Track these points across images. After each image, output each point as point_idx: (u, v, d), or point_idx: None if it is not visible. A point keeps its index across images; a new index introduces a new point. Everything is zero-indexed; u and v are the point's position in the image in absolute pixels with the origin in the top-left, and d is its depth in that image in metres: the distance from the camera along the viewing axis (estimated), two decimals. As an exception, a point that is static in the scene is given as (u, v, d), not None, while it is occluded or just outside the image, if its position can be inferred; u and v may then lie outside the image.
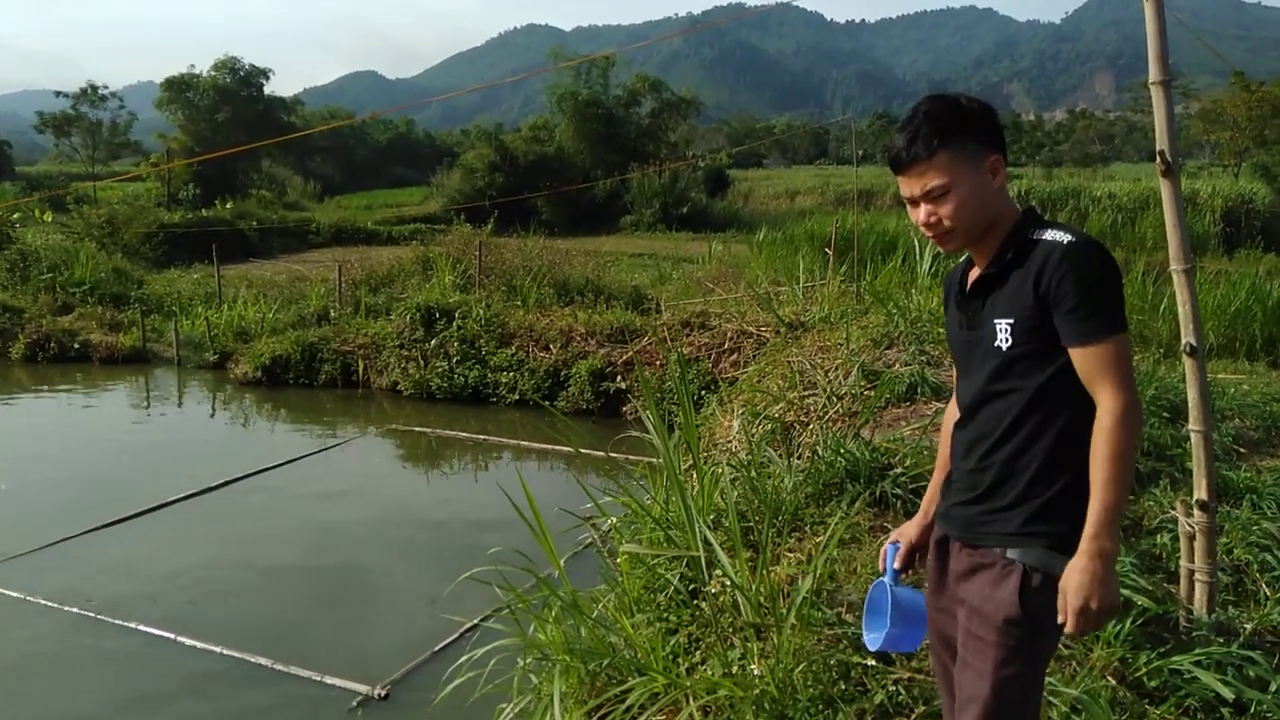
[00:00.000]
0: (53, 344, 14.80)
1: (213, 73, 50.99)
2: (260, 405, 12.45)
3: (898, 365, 7.00)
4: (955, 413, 2.28)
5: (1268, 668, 3.01)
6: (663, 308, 13.41)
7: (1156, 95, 3.20)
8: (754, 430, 6.34)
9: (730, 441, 6.56)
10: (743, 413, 7.02)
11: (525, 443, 10.26)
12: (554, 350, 11.89)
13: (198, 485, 8.44)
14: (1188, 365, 3.28)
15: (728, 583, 3.75)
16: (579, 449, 7.96)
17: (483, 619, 5.33)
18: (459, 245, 16.92)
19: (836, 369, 7.22)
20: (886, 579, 2.25)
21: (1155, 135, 3.23)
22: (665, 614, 3.90)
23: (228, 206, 34.00)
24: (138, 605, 6.00)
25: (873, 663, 3.23)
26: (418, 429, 10.84)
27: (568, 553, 4.42)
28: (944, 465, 2.32)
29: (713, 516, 4.48)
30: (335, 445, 10.35)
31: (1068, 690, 2.86)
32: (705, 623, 3.71)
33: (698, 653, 3.60)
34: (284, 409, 12.23)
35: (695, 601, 3.90)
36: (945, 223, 2.08)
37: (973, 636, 2.03)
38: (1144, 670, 3.05)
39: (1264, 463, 5.08)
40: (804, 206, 40.94)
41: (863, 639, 2.29)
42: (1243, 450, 5.35)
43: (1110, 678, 3.05)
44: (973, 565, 2.07)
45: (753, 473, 5.05)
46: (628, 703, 3.25)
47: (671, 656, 3.52)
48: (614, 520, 4.87)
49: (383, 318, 13.72)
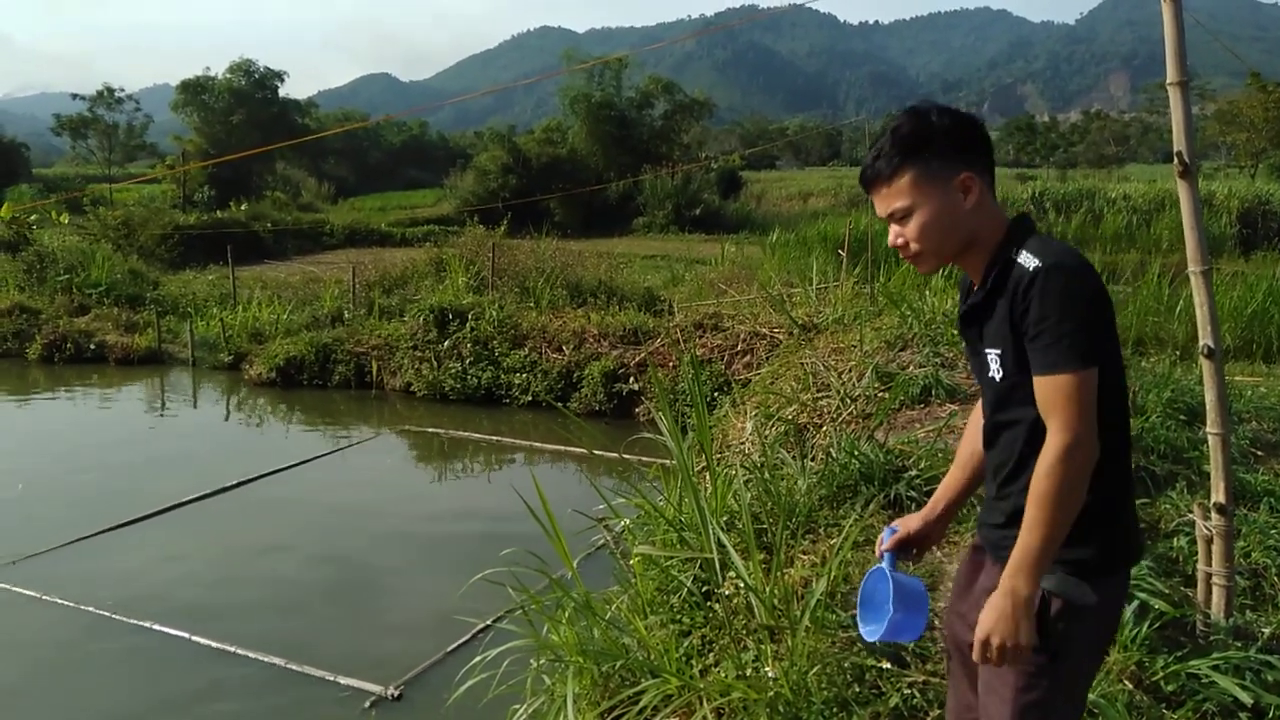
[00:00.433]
0: (69, 345, 14.90)
1: (228, 75, 51.34)
2: (274, 406, 12.50)
3: (912, 367, 6.97)
4: (979, 416, 2.22)
5: (1286, 672, 2.98)
6: (675, 309, 13.40)
7: (1174, 96, 3.18)
8: (767, 432, 6.33)
9: (743, 443, 6.55)
10: (756, 414, 7.01)
11: (538, 444, 10.27)
12: (567, 352, 11.90)
13: (212, 486, 8.48)
14: (1205, 367, 3.26)
15: (741, 585, 3.74)
16: (592, 450, 7.96)
17: (496, 620, 5.33)
18: (472, 247, 16.96)
19: (850, 371, 7.20)
20: (884, 564, 2.19)
21: (1172, 136, 3.20)
22: (679, 616, 3.89)
23: (242, 208, 34.18)
24: (152, 605, 6.03)
25: (888, 666, 3.22)
26: (431, 430, 10.87)
27: (581, 554, 4.42)
28: (960, 463, 2.28)
29: (726, 518, 4.47)
30: (349, 446, 10.38)
31: (1084, 694, 2.84)
32: (719, 625, 3.70)
33: (711, 655, 3.59)
34: (298, 410, 12.28)
35: (709, 603, 3.89)
36: (911, 245, 1.99)
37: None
38: (1161, 674, 3.03)
39: (1282, 466, 5.04)
40: (817, 208, 40.86)
41: (860, 632, 2.19)
42: (1260, 453, 5.31)
43: (1127, 682, 3.03)
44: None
45: (766, 474, 5.03)
46: (641, 704, 3.25)
47: (685, 658, 3.51)
48: (627, 522, 4.87)
49: (396, 319, 13.76)
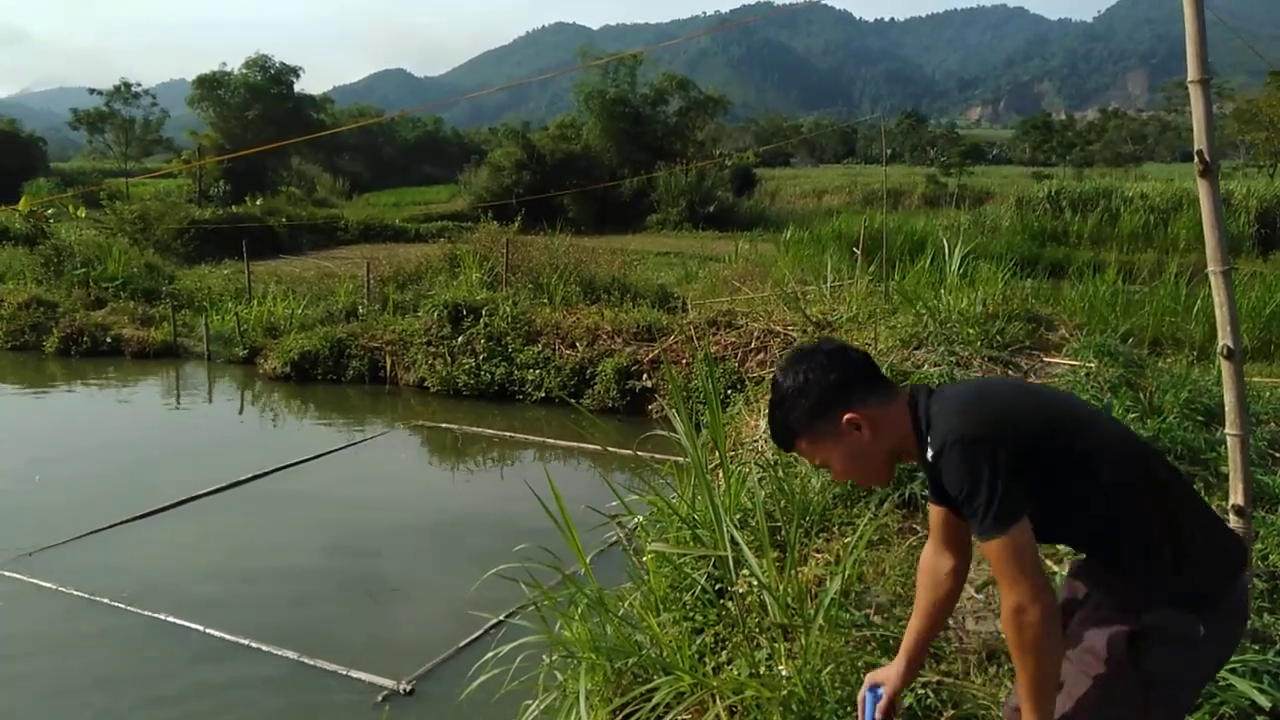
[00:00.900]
0: (86, 338, 14.99)
1: (244, 70, 51.58)
2: (289, 400, 12.55)
3: (927, 365, 6.94)
4: (935, 555, 2.26)
5: (1305, 676, 2.96)
6: (689, 306, 13.38)
7: (1195, 94, 3.15)
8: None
9: (757, 441, 6.54)
10: (769, 412, 6.98)
11: (551, 440, 10.27)
12: (580, 348, 11.90)
13: (226, 479, 8.51)
14: (1224, 368, 3.23)
15: (755, 583, 3.73)
16: (606, 447, 7.96)
17: (508, 615, 5.33)
18: (486, 243, 16.98)
19: (864, 369, 7.16)
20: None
21: (1192, 135, 3.17)
22: (691, 613, 3.89)
23: (258, 203, 34.36)
24: (167, 597, 6.05)
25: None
26: (444, 425, 10.89)
27: (594, 550, 4.42)
28: (923, 612, 2.29)
29: (739, 516, 4.47)
30: (362, 440, 10.41)
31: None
32: (732, 622, 3.69)
33: (724, 653, 3.59)
34: (312, 404, 12.33)
35: (722, 601, 3.89)
36: (848, 481, 2.22)
37: (1079, 671, 2.00)
38: (1177, 677, 3.00)
39: (1301, 468, 5.00)
40: (831, 205, 40.84)
41: None
42: (1278, 455, 5.28)
43: (1143, 684, 3.01)
44: (1102, 617, 2.03)
45: (780, 473, 5.03)
46: (653, 701, 3.25)
47: (698, 656, 3.51)
48: (640, 518, 4.86)
49: (410, 314, 13.79)
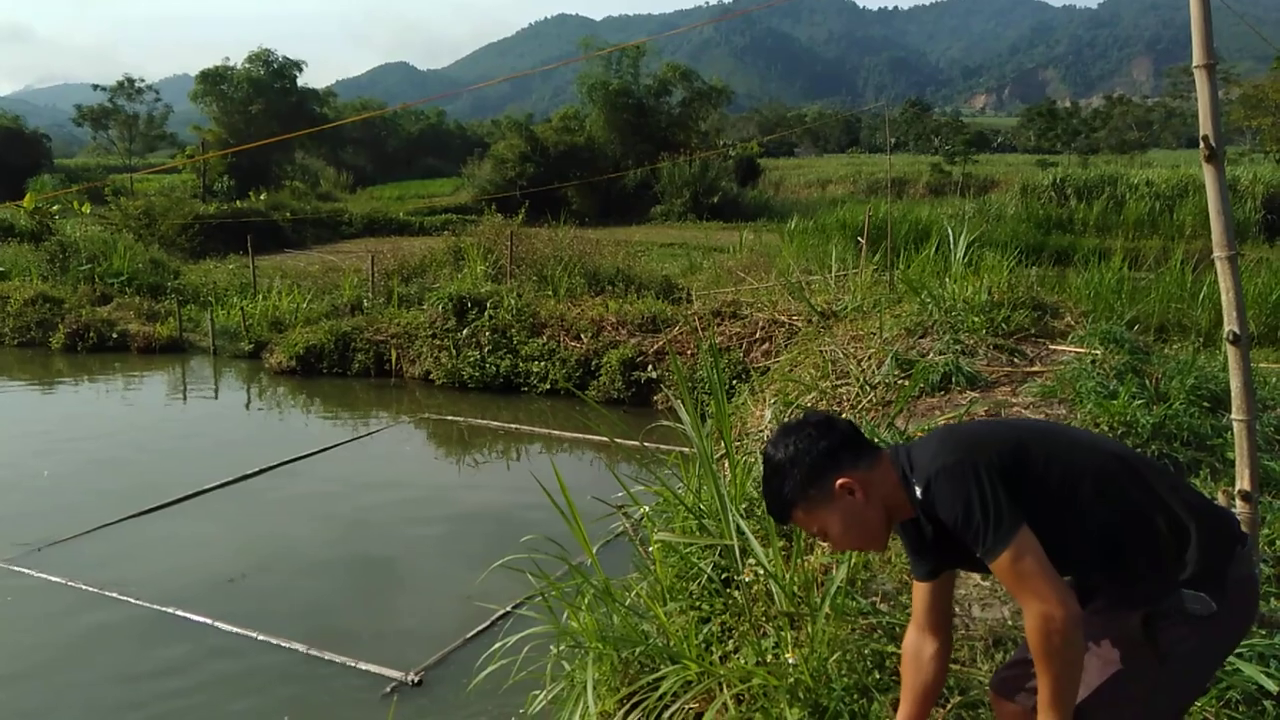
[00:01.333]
0: (92, 334, 15.03)
1: (247, 65, 51.60)
2: (294, 394, 12.58)
3: (932, 354, 6.94)
4: (917, 639, 2.29)
5: (1312, 661, 2.96)
6: (693, 297, 13.38)
7: (1200, 79, 3.13)
8: (786, 419, 6.30)
9: (762, 431, 6.54)
10: (775, 402, 6.99)
11: (557, 431, 10.29)
12: (585, 340, 11.90)
13: (233, 473, 8.54)
14: (1230, 354, 3.22)
15: (761, 571, 3.74)
16: (613, 438, 7.96)
17: (515, 606, 5.36)
18: (490, 235, 16.99)
19: (869, 358, 7.17)
20: None
21: (1199, 120, 3.16)
22: (698, 602, 3.90)
23: (261, 198, 34.39)
24: (173, 590, 6.08)
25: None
26: (450, 418, 10.91)
27: (600, 541, 4.43)
28: (913, 698, 2.30)
29: (745, 505, 4.47)
30: (369, 434, 10.43)
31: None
32: (738, 611, 3.70)
33: (731, 641, 3.59)
34: (318, 398, 12.35)
35: (728, 590, 3.90)
36: (846, 548, 2.25)
37: (1094, 654, 2.02)
38: (1184, 662, 3.01)
39: (1308, 453, 4.98)
40: (836, 195, 40.78)
41: None
42: (1285, 441, 5.25)
43: (1150, 670, 3.01)
44: (1114, 608, 2.05)
45: (785, 462, 5.01)
46: (660, 690, 3.26)
47: (704, 645, 3.52)
48: (646, 509, 4.87)
49: (415, 308, 13.81)
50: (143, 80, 57.87)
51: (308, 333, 13.55)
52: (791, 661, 3.14)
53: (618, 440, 8.30)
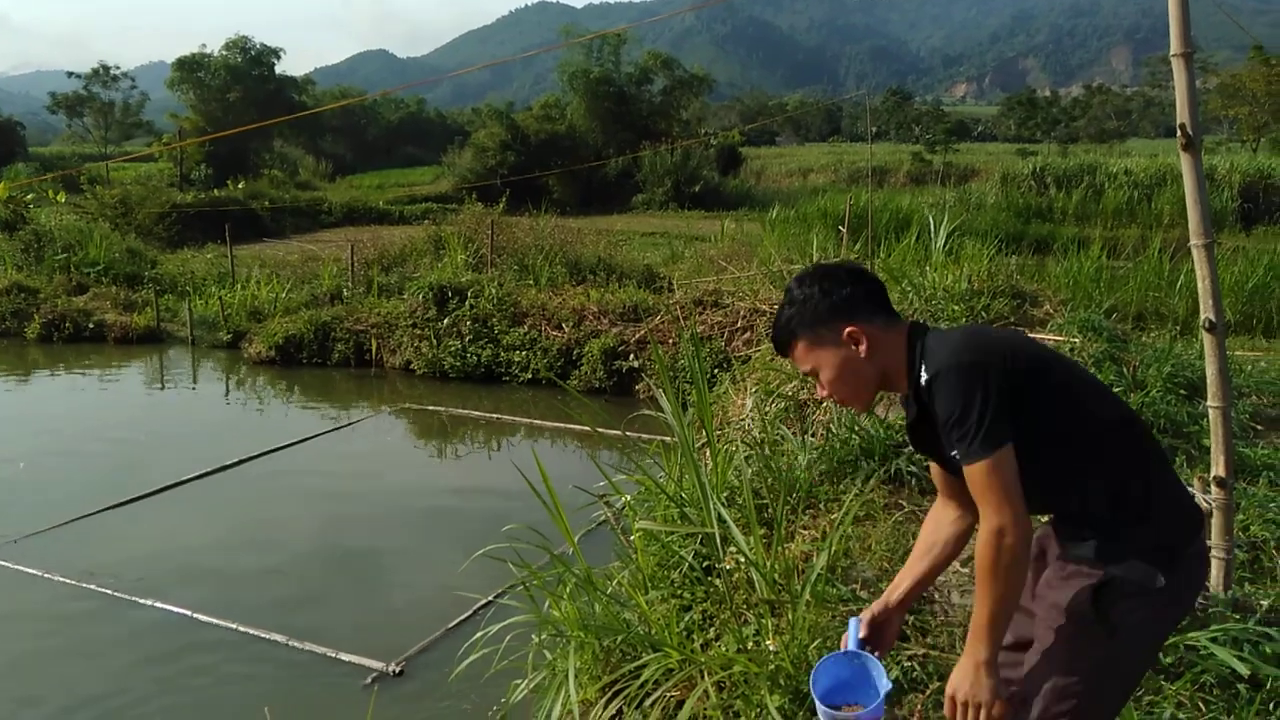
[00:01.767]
0: (68, 324, 14.87)
1: (224, 52, 51.06)
2: (274, 384, 12.50)
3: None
4: (941, 506, 2.31)
5: (1285, 644, 2.99)
6: (675, 286, 13.37)
7: (1178, 68, 3.15)
8: (768, 408, 6.33)
9: (744, 420, 6.55)
10: (756, 391, 7.01)
11: (538, 421, 10.28)
12: (566, 329, 11.88)
13: (212, 464, 8.48)
14: (1206, 341, 3.25)
15: (742, 559, 3.75)
16: (595, 427, 7.97)
17: (497, 596, 5.36)
18: (471, 224, 16.91)
19: (850, 347, 7.18)
20: (852, 645, 2.18)
21: (1177, 109, 3.18)
22: (680, 590, 3.91)
23: (240, 186, 34.07)
24: (153, 582, 6.04)
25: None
26: (431, 408, 10.87)
27: (582, 530, 4.42)
28: (920, 554, 2.31)
29: (727, 494, 4.48)
30: (349, 424, 10.39)
31: (1083, 667, 2.85)
32: (720, 599, 3.71)
33: (712, 629, 3.61)
34: (297, 388, 12.29)
35: (710, 578, 3.91)
36: (830, 396, 2.19)
37: (1045, 627, 2.05)
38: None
39: (1282, 440, 5.04)
40: (817, 184, 40.77)
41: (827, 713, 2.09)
42: (1260, 427, 5.33)
43: (1126, 654, 3.04)
44: (1068, 573, 2.06)
45: (767, 450, 5.05)
46: (642, 678, 3.27)
47: (686, 633, 3.53)
48: (628, 498, 4.87)
49: (395, 297, 13.74)
50: (118, 67, 57.20)
51: (287, 322, 13.45)
52: (772, 649, 3.16)
53: (599, 429, 8.27)
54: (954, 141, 50.73)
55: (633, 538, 4.39)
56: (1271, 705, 2.80)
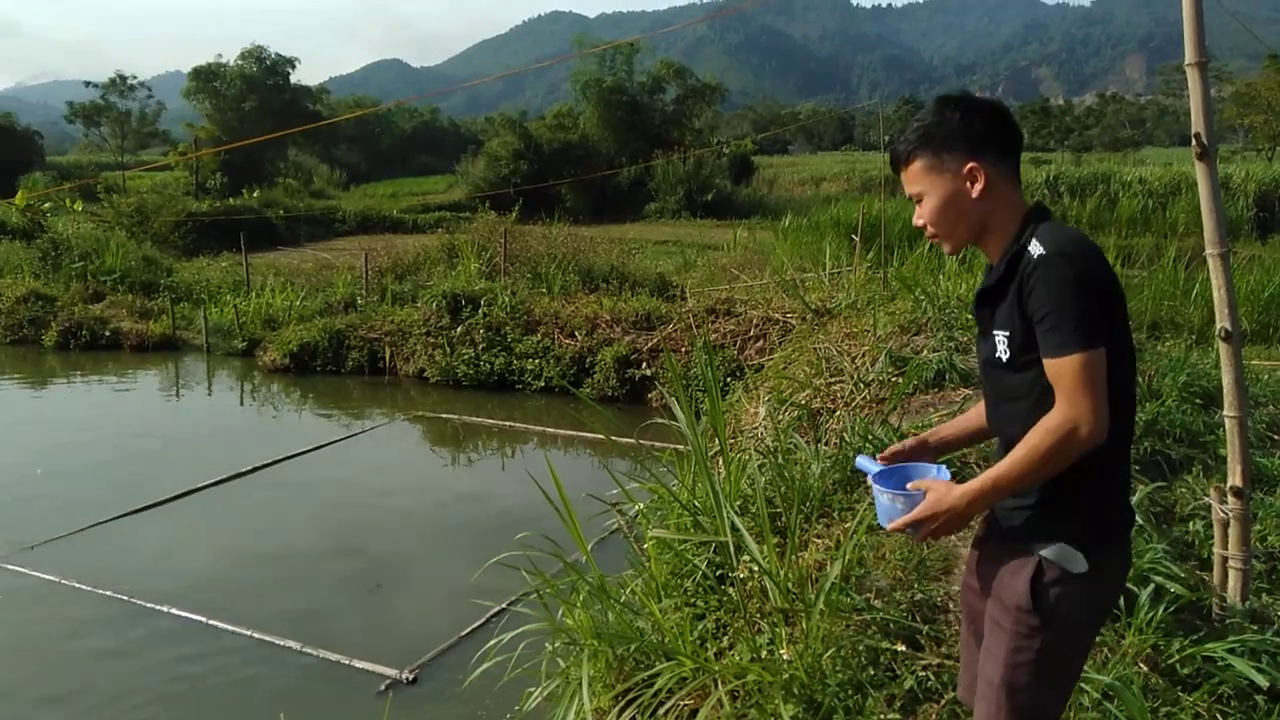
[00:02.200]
0: (84, 331, 14.99)
1: (239, 62, 51.47)
2: (288, 392, 12.56)
3: (925, 352, 6.94)
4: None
5: (1303, 656, 2.97)
6: (688, 295, 13.38)
7: (1192, 77, 3.15)
8: (781, 417, 6.32)
9: (757, 428, 6.55)
10: (769, 399, 7.00)
11: (551, 429, 10.29)
12: (579, 337, 11.90)
13: (227, 471, 8.53)
14: (1223, 350, 3.24)
15: (756, 568, 3.75)
16: (608, 435, 7.97)
17: (510, 603, 5.36)
18: (484, 233, 16.96)
19: (863, 355, 7.18)
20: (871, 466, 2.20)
21: (1191, 118, 3.18)
22: (693, 599, 3.90)
23: (255, 195, 34.26)
24: (169, 589, 6.07)
25: (902, 649, 3.23)
26: (444, 415, 10.90)
27: (595, 538, 4.43)
28: (973, 415, 2.31)
29: (740, 502, 4.48)
30: (363, 431, 10.43)
31: (1100, 677, 2.84)
32: (733, 608, 3.71)
33: (725, 638, 3.60)
34: (311, 396, 12.34)
35: (723, 587, 3.90)
36: (928, 227, 2.12)
37: (992, 621, 2.07)
38: (1177, 657, 3.02)
39: (1299, 450, 5.01)
40: (829, 193, 40.70)
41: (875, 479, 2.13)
42: (1276, 437, 5.29)
43: (1143, 665, 3.03)
44: (1003, 552, 2.09)
45: (780, 459, 5.04)
46: (655, 687, 3.26)
47: (699, 641, 3.53)
48: (641, 506, 4.87)
49: (409, 305, 13.79)
50: (135, 77, 57.76)
51: (301, 330, 13.52)
52: (786, 658, 3.15)
53: (613, 438, 8.29)
54: (967, 150, 50.47)
55: (646, 546, 4.40)
56: (1290, 717, 2.78)
